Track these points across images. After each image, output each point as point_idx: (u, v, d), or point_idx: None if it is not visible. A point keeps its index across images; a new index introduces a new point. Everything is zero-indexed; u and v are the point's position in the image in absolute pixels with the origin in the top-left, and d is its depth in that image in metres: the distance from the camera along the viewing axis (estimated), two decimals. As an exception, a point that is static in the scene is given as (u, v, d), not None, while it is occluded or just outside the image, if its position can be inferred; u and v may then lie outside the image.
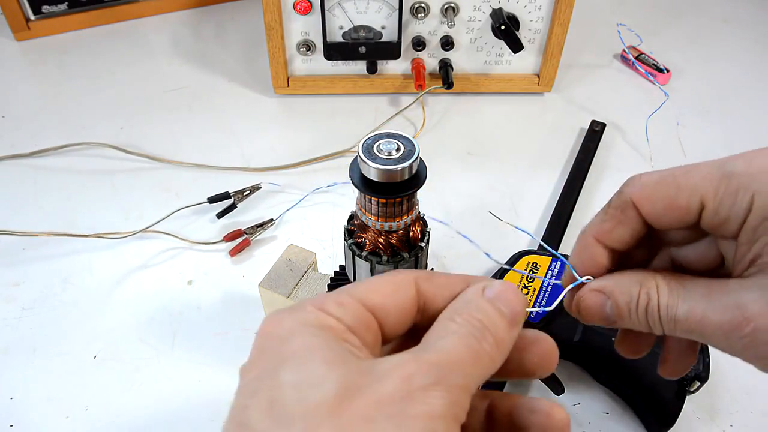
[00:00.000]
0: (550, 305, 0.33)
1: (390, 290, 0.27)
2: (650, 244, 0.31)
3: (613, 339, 0.46)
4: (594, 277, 0.30)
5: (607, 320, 0.29)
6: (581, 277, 0.30)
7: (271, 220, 0.58)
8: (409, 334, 0.27)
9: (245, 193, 0.60)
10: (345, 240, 0.35)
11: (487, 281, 0.27)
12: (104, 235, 0.56)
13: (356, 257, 0.34)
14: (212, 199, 0.59)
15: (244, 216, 0.60)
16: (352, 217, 0.35)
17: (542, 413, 0.28)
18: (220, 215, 0.59)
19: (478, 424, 0.29)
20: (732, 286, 0.26)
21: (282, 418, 0.21)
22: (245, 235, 0.57)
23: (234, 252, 0.56)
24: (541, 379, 0.46)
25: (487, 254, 0.35)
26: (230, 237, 0.57)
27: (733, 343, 0.25)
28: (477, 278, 0.28)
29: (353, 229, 0.35)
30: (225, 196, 0.59)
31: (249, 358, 0.25)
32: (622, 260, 0.31)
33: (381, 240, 0.33)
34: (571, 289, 0.31)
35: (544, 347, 0.28)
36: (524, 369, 0.28)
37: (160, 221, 0.57)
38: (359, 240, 0.34)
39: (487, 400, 0.30)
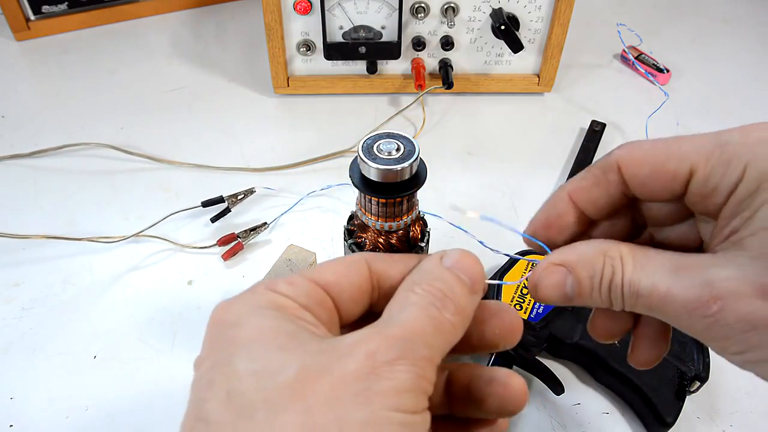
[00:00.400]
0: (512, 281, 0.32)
1: (341, 269, 0.26)
2: (629, 222, 0.30)
3: (613, 339, 0.46)
4: (550, 248, 0.28)
5: (566, 299, 0.27)
6: (548, 250, 0.29)
7: (265, 223, 0.58)
8: (369, 318, 0.26)
9: (239, 197, 0.60)
10: (345, 240, 0.35)
11: (443, 251, 0.26)
12: (97, 239, 0.56)
13: (356, 257, 0.34)
14: (206, 204, 0.59)
15: (240, 219, 0.60)
16: (352, 217, 0.35)
17: (499, 383, 0.27)
18: (214, 219, 0.59)
19: (437, 397, 0.29)
20: (702, 261, 0.24)
21: (242, 408, 0.20)
22: (238, 239, 0.57)
23: (227, 256, 0.56)
24: (541, 379, 0.46)
25: (480, 242, 0.35)
26: (224, 241, 0.57)
27: (695, 322, 0.24)
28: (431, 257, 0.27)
29: (353, 229, 0.35)
30: (219, 200, 0.59)
31: (202, 349, 0.24)
32: (590, 232, 0.30)
33: (381, 240, 0.33)
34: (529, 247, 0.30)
35: (507, 319, 0.27)
36: (487, 341, 0.28)
37: (154, 225, 0.57)
38: (359, 240, 0.34)
39: (445, 372, 0.29)
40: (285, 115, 0.73)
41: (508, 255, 0.31)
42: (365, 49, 0.68)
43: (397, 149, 0.30)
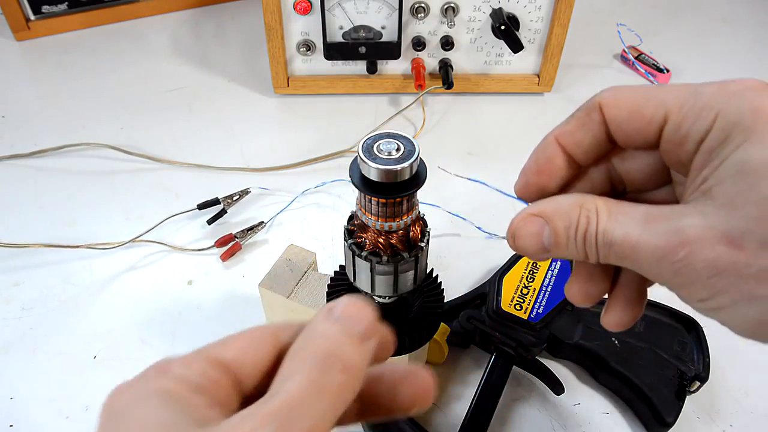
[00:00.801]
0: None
1: (245, 344, 0.25)
2: (608, 188, 0.30)
3: (613, 339, 0.46)
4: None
5: (543, 250, 0.28)
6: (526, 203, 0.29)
7: (261, 222, 0.58)
8: None
9: (235, 198, 0.60)
10: (345, 240, 0.35)
11: (331, 304, 0.25)
12: (95, 246, 0.56)
13: (356, 257, 0.34)
14: (202, 206, 0.59)
15: (238, 219, 0.60)
16: (352, 217, 0.35)
17: (408, 383, 0.26)
18: (211, 221, 0.59)
19: (350, 413, 0.27)
20: (672, 211, 0.24)
21: None
22: (236, 239, 0.57)
23: (225, 256, 0.56)
24: (541, 379, 0.46)
25: (479, 228, 0.35)
26: (221, 242, 0.57)
27: (663, 269, 0.24)
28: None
29: (353, 229, 0.35)
30: (214, 202, 0.59)
31: None
32: (576, 182, 0.30)
33: (381, 240, 0.33)
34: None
35: (419, 382, 0.26)
36: (398, 405, 0.26)
37: (151, 229, 0.57)
38: (359, 240, 0.34)
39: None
40: (285, 115, 0.73)
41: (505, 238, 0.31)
42: (365, 49, 0.68)
43: (397, 149, 0.30)
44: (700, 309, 0.25)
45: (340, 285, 0.40)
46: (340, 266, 0.41)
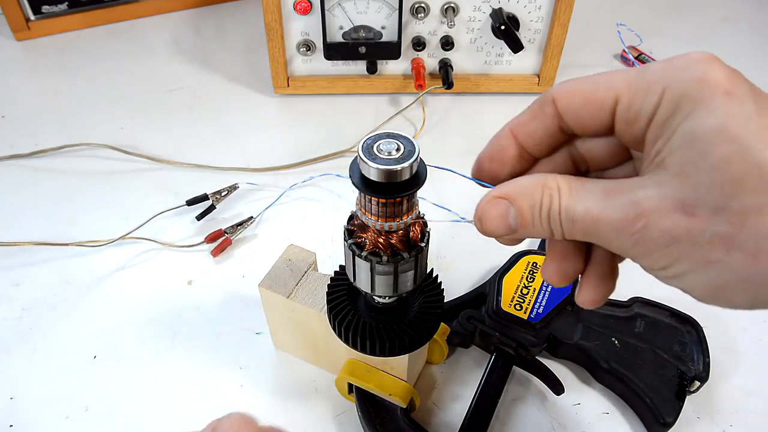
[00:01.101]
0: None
1: None
2: (571, 167, 0.31)
3: (613, 339, 0.46)
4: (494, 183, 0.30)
5: (510, 230, 0.28)
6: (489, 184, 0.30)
7: (251, 218, 0.59)
8: None
9: (223, 194, 0.60)
10: (345, 240, 0.35)
11: (214, 425, 0.25)
12: (84, 243, 0.56)
13: (356, 257, 0.34)
14: (190, 202, 0.59)
15: (225, 214, 0.61)
16: (352, 217, 0.35)
17: None
18: (200, 217, 0.59)
19: None
20: (629, 184, 0.25)
21: None
22: (226, 235, 0.57)
23: (216, 252, 0.56)
24: (541, 379, 0.46)
25: (463, 218, 0.35)
26: (211, 238, 0.57)
27: (624, 241, 0.25)
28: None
29: (353, 229, 0.35)
30: (203, 197, 0.59)
31: None
32: (538, 165, 0.31)
33: (381, 240, 0.33)
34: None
35: None
36: None
37: (140, 226, 0.57)
38: (359, 240, 0.34)
39: None
40: (285, 115, 0.73)
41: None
42: (365, 49, 0.68)
43: (397, 149, 0.30)
44: (662, 278, 0.26)
45: (340, 285, 0.40)
46: (340, 266, 0.41)
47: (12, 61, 0.80)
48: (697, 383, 0.44)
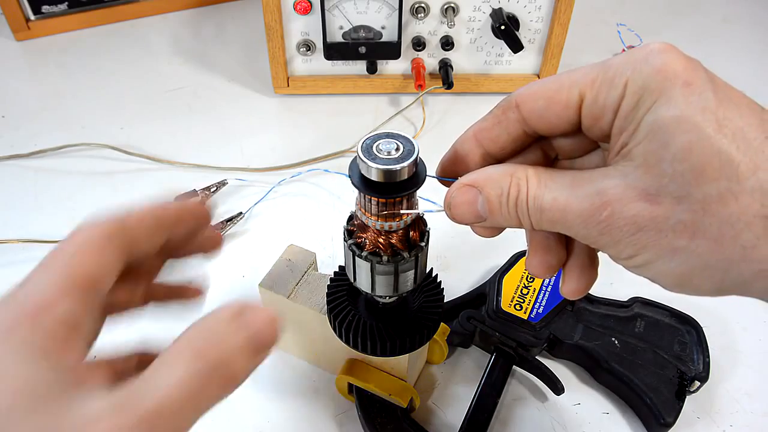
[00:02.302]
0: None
1: (94, 256, 0.24)
2: (542, 157, 0.31)
3: (613, 339, 0.46)
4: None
5: (479, 217, 0.29)
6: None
7: (240, 213, 0.59)
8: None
9: (212, 190, 0.60)
10: (345, 240, 0.35)
11: (242, 305, 0.24)
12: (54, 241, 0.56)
13: (356, 257, 0.34)
14: (178, 198, 0.59)
15: (215, 210, 0.60)
16: (351, 218, 0.35)
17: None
18: None
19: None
20: (595, 174, 0.26)
21: None
22: (216, 231, 0.57)
23: None
24: (541, 379, 0.46)
25: (434, 203, 0.35)
26: None
27: (590, 230, 0.25)
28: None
29: (353, 230, 0.35)
30: (192, 194, 0.60)
31: None
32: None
33: (381, 240, 0.33)
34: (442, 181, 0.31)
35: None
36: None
37: None
38: (359, 240, 0.34)
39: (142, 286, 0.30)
40: (285, 115, 0.73)
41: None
42: (365, 49, 0.68)
43: (397, 149, 0.30)
44: (630, 267, 0.26)
45: (340, 285, 0.40)
46: (340, 266, 0.41)
47: (12, 61, 0.80)
48: (697, 383, 0.44)
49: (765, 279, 0.23)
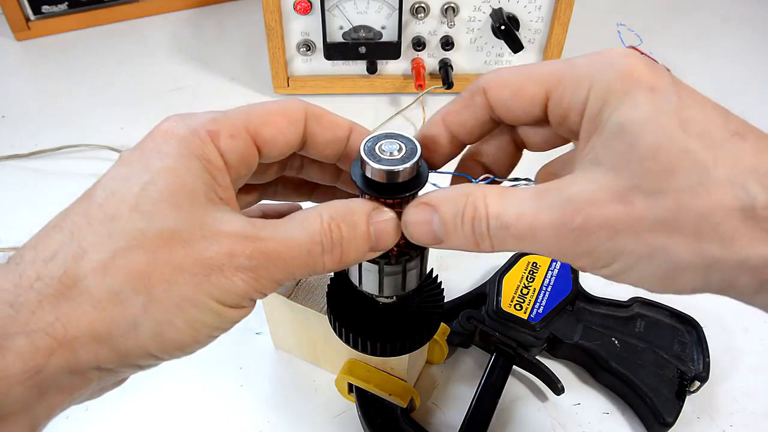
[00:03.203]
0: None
1: (283, 125, 0.28)
2: (512, 148, 0.32)
3: (613, 339, 0.46)
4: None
5: (436, 239, 0.28)
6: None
7: None
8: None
9: None
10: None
11: (377, 209, 0.28)
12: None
13: (362, 261, 0.34)
14: None
15: None
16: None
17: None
18: None
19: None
20: (562, 182, 0.25)
21: (105, 217, 0.25)
22: None
23: None
24: (541, 379, 0.46)
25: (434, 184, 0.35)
26: None
27: (563, 240, 0.24)
28: (359, 131, 0.32)
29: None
30: None
31: (136, 147, 0.28)
32: (477, 157, 0.32)
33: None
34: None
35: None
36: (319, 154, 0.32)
37: None
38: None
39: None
40: (285, 115, 0.73)
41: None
42: (365, 49, 0.68)
43: (399, 149, 0.30)
44: (609, 276, 0.25)
45: (340, 285, 0.40)
46: (341, 266, 0.41)
47: (12, 61, 0.80)
48: (697, 383, 0.45)
49: (749, 272, 0.22)
